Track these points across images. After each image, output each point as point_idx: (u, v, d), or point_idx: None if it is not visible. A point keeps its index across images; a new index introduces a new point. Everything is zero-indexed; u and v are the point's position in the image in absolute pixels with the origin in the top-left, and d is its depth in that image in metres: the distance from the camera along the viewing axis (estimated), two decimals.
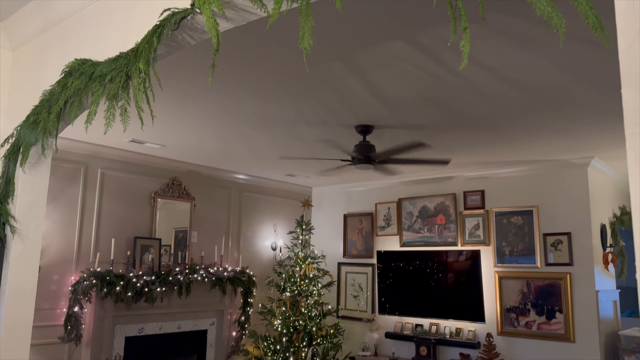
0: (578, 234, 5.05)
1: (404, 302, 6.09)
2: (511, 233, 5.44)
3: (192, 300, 5.37)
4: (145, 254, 5.09)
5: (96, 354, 4.60)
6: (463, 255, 5.72)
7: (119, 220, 5.09)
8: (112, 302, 4.69)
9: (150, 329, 5.08)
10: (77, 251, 4.76)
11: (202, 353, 5.59)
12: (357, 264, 6.75)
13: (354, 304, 6.70)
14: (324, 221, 7.18)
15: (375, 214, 6.67)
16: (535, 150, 4.83)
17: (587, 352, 4.84)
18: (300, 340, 5.98)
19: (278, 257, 6.69)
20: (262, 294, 6.41)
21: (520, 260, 5.33)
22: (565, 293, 5.01)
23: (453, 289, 5.78)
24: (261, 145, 4.88)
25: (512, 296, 5.35)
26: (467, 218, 5.81)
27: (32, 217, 2.41)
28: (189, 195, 5.69)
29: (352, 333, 6.56)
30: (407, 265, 6.11)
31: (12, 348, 2.27)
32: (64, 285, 4.62)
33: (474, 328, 5.56)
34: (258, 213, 6.64)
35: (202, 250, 5.70)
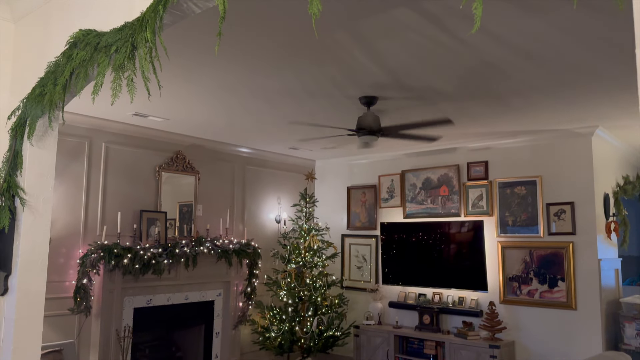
0: (581, 204, 5.07)
1: (408, 272, 6.16)
2: (514, 203, 5.47)
3: (199, 272, 5.45)
4: (152, 227, 5.13)
5: (106, 325, 4.69)
6: (466, 225, 5.76)
7: (125, 194, 5.13)
8: (120, 274, 4.75)
9: (158, 300, 5.17)
10: (84, 224, 4.81)
11: (210, 323, 5.70)
12: (360, 235, 6.81)
13: (357, 274, 6.78)
14: (328, 194, 7.22)
15: (379, 186, 6.69)
16: (540, 120, 4.82)
17: (588, 319, 4.91)
18: (306, 310, 6.09)
19: (282, 229, 6.74)
20: (267, 265, 6.49)
21: (523, 230, 5.37)
22: (568, 262, 5.06)
23: (456, 259, 5.84)
24: (265, 118, 4.87)
25: (514, 265, 5.41)
26: (471, 189, 5.83)
27: (41, 190, 2.44)
28: (193, 169, 5.71)
29: (356, 303, 6.66)
30: (411, 237, 6.17)
31: (26, 317, 2.32)
32: (72, 258, 4.68)
33: (477, 297, 5.64)
34: (262, 186, 6.67)
35: (207, 224, 5.75)
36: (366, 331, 6.04)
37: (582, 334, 4.93)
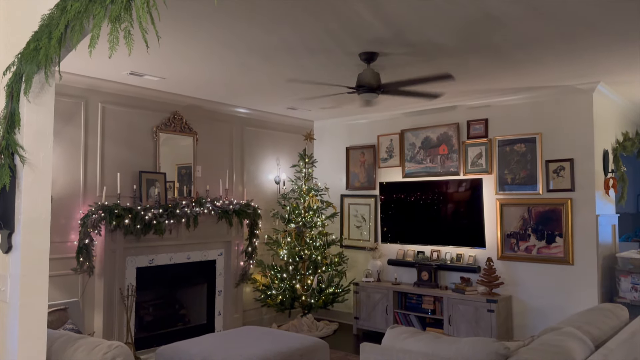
0: (580, 160, 5.08)
1: (406, 231, 6.22)
2: (513, 161, 5.47)
3: (200, 232, 5.49)
4: (151, 187, 5.14)
5: (109, 284, 4.76)
6: (465, 184, 5.78)
7: (123, 155, 5.10)
8: (122, 234, 4.79)
9: (161, 259, 5.23)
10: (84, 185, 4.81)
11: (212, 281, 5.79)
12: (359, 195, 6.84)
13: (357, 234, 6.85)
14: (327, 154, 7.20)
15: (378, 146, 6.67)
16: (541, 77, 4.77)
17: (585, 274, 5.00)
18: (306, 269, 6.18)
19: (282, 190, 6.76)
20: (268, 225, 6.54)
21: (522, 187, 5.40)
22: (566, 218, 5.10)
23: (455, 217, 5.88)
24: (261, 76, 4.80)
25: (512, 222, 5.46)
26: (470, 147, 5.82)
27: (40, 147, 2.41)
28: (190, 130, 5.67)
29: (356, 261, 6.75)
30: (410, 196, 6.19)
31: (31, 274, 2.34)
32: (73, 219, 4.70)
33: (475, 253, 5.72)
34: (260, 147, 6.65)
35: (207, 185, 5.75)
36: (365, 288, 6.15)
37: (578, 288, 5.03)
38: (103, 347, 2.41)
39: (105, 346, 2.42)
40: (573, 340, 2.57)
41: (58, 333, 2.74)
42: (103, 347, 2.42)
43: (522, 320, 5.35)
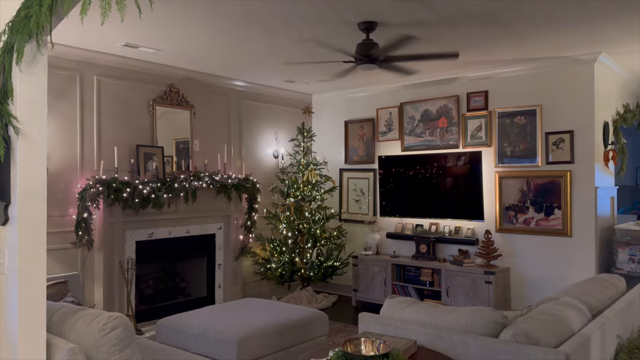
0: (580, 132, 5.05)
1: (405, 204, 6.22)
2: (513, 133, 5.44)
3: (199, 206, 5.49)
4: (149, 161, 5.11)
5: (109, 258, 4.77)
6: (464, 157, 5.76)
7: (120, 128, 5.06)
8: (120, 208, 4.78)
9: (160, 233, 5.24)
10: (81, 159, 4.78)
11: (212, 255, 5.81)
12: (358, 169, 6.82)
13: (356, 207, 6.85)
14: (325, 128, 7.16)
15: (377, 119, 6.62)
16: (541, 47, 4.70)
17: (582, 246, 5.02)
18: (305, 242, 6.20)
19: (280, 164, 6.74)
20: (267, 200, 6.54)
21: (521, 160, 5.38)
22: (565, 190, 5.10)
23: (453, 190, 5.88)
24: (259, 48, 4.73)
25: (511, 195, 5.45)
26: (470, 120, 5.78)
27: (34, 118, 2.37)
28: (187, 103, 5.61)
29: (355, 235, 6.78)
30: (409, 170, 6.17)
31: (29, 245, 2.33)
32: (71, 193, 4.69)
33: (473, 226, 5.73)
34: (258, 121, 6.60)
35: (204, 159, 5.72)
36: (364, 261, 6.18)
37: (576, 259, 5.06)
38: (103, 318, 2.42)
39: (105, 317, 2.43)
40: (571, 310, 2.59)
41: (58, 305, 2.75)
42: (103, 318, 2.43)
43: (519, 291, 5.40)
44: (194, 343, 3.78)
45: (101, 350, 2.36)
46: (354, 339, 2.20)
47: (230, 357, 3.55)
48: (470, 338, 2.23)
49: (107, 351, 2.37)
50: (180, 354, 3.11)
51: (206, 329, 3.77)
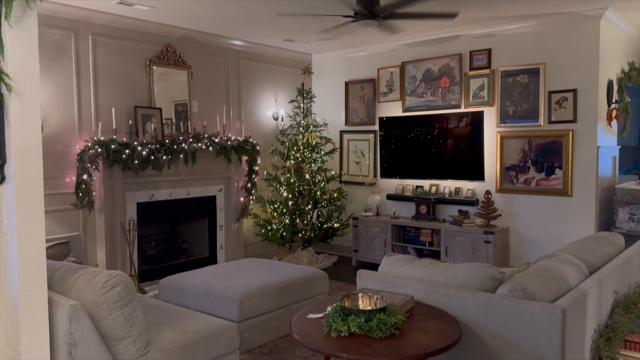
0: (584, 90, 4.97)
1: (406, 166, 6.20)
2: (516, 92, 5.36)
3: (199, 168, 5.48)
4: (147, 123, 5.07)
5: (110, 219, 4.80)
6: (466, 117, 5.69)
7: (117, 89, 5.00)
8: (120, 169, 4.77)
9: (161, 195, 5.25)
10: (79, 121, 4.73)
11: (213, 216, 5.84)
12: (359, 131, 6.77)
13: (356, 169, 6.84)
14: (325, 89, 7.06)
15: (378, 79, 6.53)
16: (547, 3, 4.56)
17: (582, 205, 5.03)
18: (306, 204, 6.21)
19: (280, 126, 6.69)
20: (267, 162, 6.52)
21: (524, 120, 5.32)
22: (567, 150, 5.06)
23: (454, 151, 5.84)
24: (256, 4, 4.60)
25: (512, 155, 5.42)
26: (472, 79, 5.68)
27: (26, 75, 2.33)
28: (184, 63, 5.52)
29: (355, 196, 6.79)
30: (409, 131, 6.12)
31: (27, 204, 2.33)
32: (70, 154, 4.67)
33: (473, 187, 5.73)
34: (257, 82, 6.50)
35: (203, 120, 5.67)
36: (364, 222, 6.21)
37: (575, 219, 5.07)
38: (103, 276, 2.44)
39: (105, 275, 2.45)
40: (568, 266, 2.61)
41: (59, 264, 2.77)
42: (103, 275, 2.45)
43: (518, 250, 5.44)
44: (196, 301, 3.84)
45: (102, 307, 2.39)
46: (352, 294, 2.22)
47: (232, 314, 3.61)
48: (467, 293, 2.25)
49: (109, 308, 2.40)
50: (182, 311, 3.16)
51: (208, 288, 3.82)
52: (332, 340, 1.97)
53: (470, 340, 2.25)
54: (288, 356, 3.57)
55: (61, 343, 2.31)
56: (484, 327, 2.21)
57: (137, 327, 2.50)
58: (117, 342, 2.45)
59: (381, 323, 1.98)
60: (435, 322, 2.14)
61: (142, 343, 2.54)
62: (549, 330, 2.06)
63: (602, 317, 2.59)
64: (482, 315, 2.21)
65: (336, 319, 2.04)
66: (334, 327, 2.00)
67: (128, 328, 2.46)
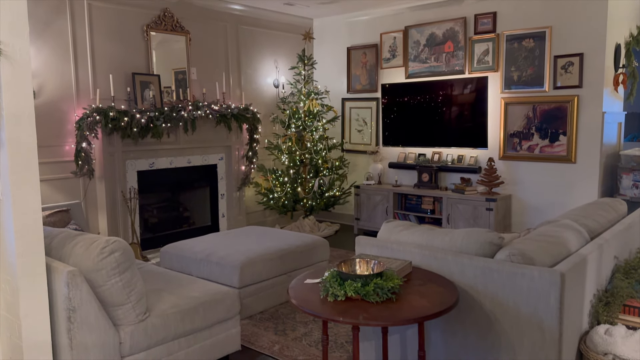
0: (591, 55, 4.86)
1: (408, 134, 6.13)
2: (521, 57, 5.24)
3: (199, 137, 5.44)
4: (146, 90, 5.00)
5: (110, 187, 4.79)
6: (470, 83, 5.59)
7: (114, 55, 4.91)
8: (119, 137, 4.74)
9: (161, 163, 5.22)
10: (76, 88, 4.67)
11: (214, 185, 5.83)
12: (361, 98, 6.67)
13: (358, 137, 6.78)
14: (327, 56, 6.94)
15: (380, 45, 6.40)
16: None
17: (586, 172, 4.97)
18: (307, 173, 6.18)
19: (281, 94, 6.60)
20: (267, 130, 6.46)
21: (528, 86, 5.22)
22: (571, 116, 4.98)
23: (458, 118, 5.76)
24: None
25: (516, 121, 5.34)
26: (477, 44, 5.56)
27: (16, 38, 2.27)
28: (182, 29, 5.41)
29: (357, 165, 6.75)
30: (412, 98, 6.03)
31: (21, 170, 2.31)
32: (68, 122, 4.63)
33: (476, 154, 5.67)
34: (257, 48, 6.39)
35: (203, 88, 5.60)
36: (366, 190, 6.19)
37: (579, 186, 5.03)
38: (101, 242, 2.44)
39: (103, 241, 2.44)
40: (569, 231, 2.58)
41: (58, 230, 2.77)
42: (101, 242, 2.44)
43: (520, 217, 5.42)
44: (197, 268, 3.86)
45: (101, 273, 2.39)
46: (350, 259, 2.21)
47: (233, 281, 3.63)
48: (465, 258, 2.23)
49: (107, 274, 2.40)
50: (183, 277, 3.17)
51: (209, 255, 3.83)
52: (329, 305, 1.96)
53: (468, 305, 2.25)
54: (289, 321, 3.60)
55: (60, 308, 2.32)
56: (482, 292, 2.20)
57: (136, 292, 2.51)
58: (116, 308, 2.47)
59: (378, 287, 1.97)
60: (433, 287, 2.13)
61: (141, 308, 2.55)
62: (547, 295, 2.04)
63: (602, 282, 2.58)
64: (481, 280, 2.20)
65: (333, 284, 2.03)
66: (331, 292, 2.00)
67: (127, 294, 2.47)
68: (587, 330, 2.38)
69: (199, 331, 2.81)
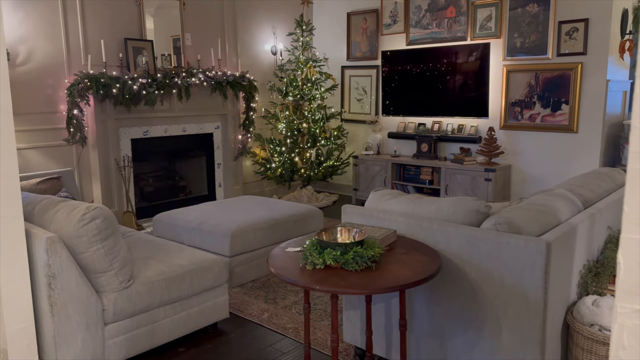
0: (597, 20, 4.69)
1: (408, 103, 6.01)
2: (525, 23, 5.07)
3: (194, 105, 5.35)
4: (139, 56, 4.90)
5: (104, 155, 4.74)
6: (472, 50, 5.44)
7: (105, 19, 4.80)
8: (112, 104, 4.67)
9: (155, 131, 5.16)
10: (67, 54, 4.58)
11: (211, 154, 5.77)
12: (361, 66, 6.53)
13: (357, 107, 6.66)
14: (326, 21, 6.77)
15: (381, 10, 6.22)
16: None
17: (587, 142, 4.87)
18: (305, 142, 6.10)
19: (279, 61, 6.46)
20: (265, 99, 6.36)
21: (531, 53, 5.06)
22: (575, 84, 4.84)
23: (459, 87, 5.63)
24: None
25: (518, 90, 5.21)
26: (480, 9, 5.38)
27: None
28: None
29: (356, 135, 6.66)
30: (413, 66, 5.88)
31: None
32: (60, 88, 4.56)
33: (477, 124, 5.56)
34: (254, 13, 6.23)
35: (197, 54, 5.48)
36: (365, 161, 6.12)
37: (580, 156, 4.92)
38: (81, 209, 2.40)
39: (83, 208, 2.40)
40: (561, 200, 2.51)
41: (41, 197, 2.73)
42: (81, 208, 2.40)
43: (520, 188, 5.34)
44: (189, 237, 3.84)
45: (82, 240, 2.36)
46: (331, 228, 2.16)
47: (224, 249, 3.61)
48: (451, 227, 2.18)
49: (88, 241, 2.37)
50: (172, 245, 3.14)
51: (201, 223, 3.81)
52: (307, 273, 1.92)
53: (452, 274, 2.20)
54: (280, 290, 3.59)
55: (40, 275, 2.30)
56: (467, 261, 2.15)
57: (119, 259, 2.48)
58: (99, 275, 2.45)
59: (357, 256, 1.93)
60: (416, 256, 2.08)
61: (125, 275, 2.53)
62: (532, 264, 1.99)
63: (594, 253, 2.52)
64: (466, 249, 2.15)
65: (313, 252, 1.99)
66: (310, 260, 1.95)
67: (110, 261, 2.45)
68: (575, 301, 2.33)
69: (185, 299, 2.79)
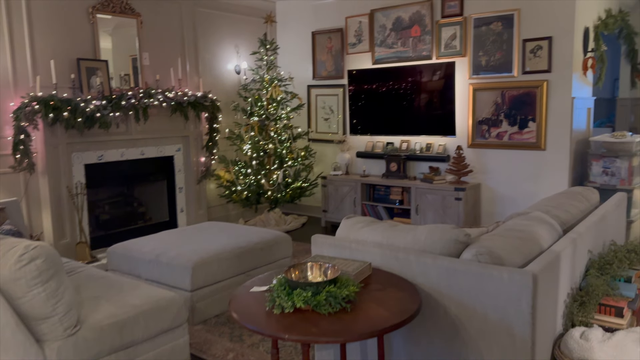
0: (559, 38, 4.71)
1: (376, 122, 5.92)
2: (489, 41, 5.06)
3: (153, 127, 5.10)
4: (92, 77, 4.63)
5: (55, 182, 4.42)
6: (437, 68, 5.39)
7: (57, 40, 4.52)
8: (63, 128, 4.37)
9: (111, 155, 4.86)
10: (13, 74, 4.27)
11: (172, 178, 5.49)
12: (327, 85, 6.42)
13: (325, 126, 6.53)
14: (291, 41, 6.65)
15: (346, 29, 6.14)
16: None
17: (556, 159, 4.85)
18: (272, 163, 5.91)
19: (243, 81, 6.28)
20: (229, 119, 6.15)
21: (497, 71, 5.04)
22: (540, 101, 4.83)
23: (425, 105, 5.56)
24: None
25: (485, 108, 5.18)
26: (444, 27, 5.35)
27: None
28: (132, 11, 5.03)
29: (324, 155, 6.51)
30: (380, 85, 5.80)
31: None
32: (5, 112, 4.23)
33: (445, 142, 5.49)
34: (216, 32, 6.05)
35: (157, 74, 5.24)
36: (333, 181, 5.96)
37: (549, 173, 4.90)
38: (19, 248, 2.13)
39: (22, 247, 2.14)
40: (540, 225, 2.40)
41: None
42: (20, 247, 2.14)
43: (490, 207, 5.28)
44: (147, 270, 3.57)
45: (19, 283, 2.09)
46: (300, 264, 1.97)
47: (184, 283, 3.36)
48: (429, 259, 2.02)
49: (27, 284, 2.10)
50: (125, 282, 2.87)
51: (159, 255, 3.55)
52: (274, 318, 1.72)
53: (432, 310, 2.04)
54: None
55: None
56: (447, 295, 2.00)
57: (63, 303, 2.22)
58: (40, 322, 2.17)
59: (330, 296, 1.74)
60: (393, 292, 1.91)
61: (70, 321, 2.26)
62: (518, 299, 1.85)
63: (576, 280, 2.41)
64: (445, 283, 1.99)
65: (280, 293, 1.79)
66: (277, 303, 1.75)
67: (52, 305, 2.18)
68: (562, 333, 2.20)
69: (140, 343, 2.53)
